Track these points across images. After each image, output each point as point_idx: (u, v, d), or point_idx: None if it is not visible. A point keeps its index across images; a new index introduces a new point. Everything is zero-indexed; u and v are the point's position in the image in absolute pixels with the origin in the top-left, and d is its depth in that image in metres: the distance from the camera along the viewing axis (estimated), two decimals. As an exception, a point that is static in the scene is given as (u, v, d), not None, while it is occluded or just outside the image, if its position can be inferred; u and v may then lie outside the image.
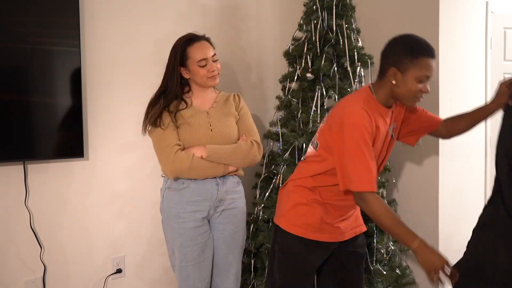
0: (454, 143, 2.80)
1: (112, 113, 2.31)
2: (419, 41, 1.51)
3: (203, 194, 1.82)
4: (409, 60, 1.46)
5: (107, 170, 2.31)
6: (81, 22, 2.16)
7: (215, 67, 1.85)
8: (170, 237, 1.86)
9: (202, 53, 1.81)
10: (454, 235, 2.84)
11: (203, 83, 1.86)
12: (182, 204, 1.81)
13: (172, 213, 1.82)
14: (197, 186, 1.81)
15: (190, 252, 1.81)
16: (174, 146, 1.76)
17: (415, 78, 1.46)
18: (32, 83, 1.97)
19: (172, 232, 1.84)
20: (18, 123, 1.94)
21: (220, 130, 1.85)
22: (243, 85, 2.96)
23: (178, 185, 1.82)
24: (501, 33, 3.31)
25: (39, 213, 2.09)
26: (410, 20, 2.64)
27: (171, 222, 1.83)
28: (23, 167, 2.03)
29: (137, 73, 2.39)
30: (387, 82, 1.53)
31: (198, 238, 1.82)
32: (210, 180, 1.83)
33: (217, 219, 1.88)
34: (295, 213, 1.65)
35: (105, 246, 2.32)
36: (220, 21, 2.80)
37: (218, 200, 1.85)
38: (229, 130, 1.88)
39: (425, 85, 1.49)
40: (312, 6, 2.37)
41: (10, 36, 1.90)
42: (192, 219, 1.81)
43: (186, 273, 1.82)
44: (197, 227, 1.82)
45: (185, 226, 1.80)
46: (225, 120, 1.88)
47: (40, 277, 2.10)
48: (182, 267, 1.82)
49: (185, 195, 1.81)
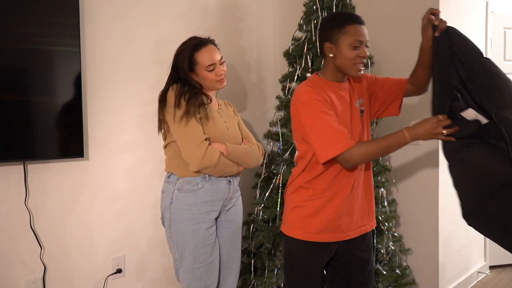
0: (454, 143, 2.80)
1: (112, 113, 2.31)
2: (343, 12, 1.62)
3: (217, 194, 1.84)
4: (337, 31, 1.55)
5: (107, 170, 2.31)
6: (81, 22, 2.16)
7: (222, 70, 1.86)
8: (180, 240, 1.81)
9: (210, 58, 1.82)
10: (454, 235, 2.84)
11: (211, 87, 1.88)
12: (197, 206, 1.79)
13: (185, 215, 1.79)
14: (211, 186, 1.82)
15: (203, 253, 1.80)
16: (206, 141, 1.76)
17: (348, 45, 1.53)
18: (32, 83, 1.97)
19: (184, 235, 1.80)
20: (18, 123, 1.94)
21: (234, 130, 1.92)
22: (243, 85, 2.96)
23: (192, 186, 1.80)
24: (501, 33, 3.32)
25: (39, 213, 2.09)
26: (410, 20, 2.64)
27: (182, 225, 1.79)
28: (23, 167, 2.03)
29: (137, 73, 2.39)
30: (327, 58, 1.61)
31: (210, 238, 1.82)
32: (223, 179, 1.86)
33: (223, 217, 1.91)
34: (293, 216, 1.66)
35: (105, 246, 2.32)
36: (220, 21, 2.80)
37: (229, 199, 1.89)
38: (239, 131, 1.96)
39: (361, 50, 1.54)
40: (312, 6, 2.37)
41: (10, 36, 1.90)
42: (206, 219, 1.81)
43: (199, 274, 1.80)
44: (209, 227, 1.83)
45: (199, 227, 1.79)
46: (233, 121, 1.95)
47: (40, 277, 2.10)
48: (195, 268, 1.80)
49: (200, 195, 1.80)
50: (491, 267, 3.36)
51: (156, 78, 2.42)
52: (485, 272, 3.26)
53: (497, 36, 3.28)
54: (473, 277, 3.12)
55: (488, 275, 3.27)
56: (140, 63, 2.41)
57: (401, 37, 2.68)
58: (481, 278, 3.20)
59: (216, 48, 1.88)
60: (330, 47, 1.58)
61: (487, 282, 3.16)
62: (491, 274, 3.29)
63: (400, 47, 2.68)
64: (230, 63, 2.83)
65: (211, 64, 1.82)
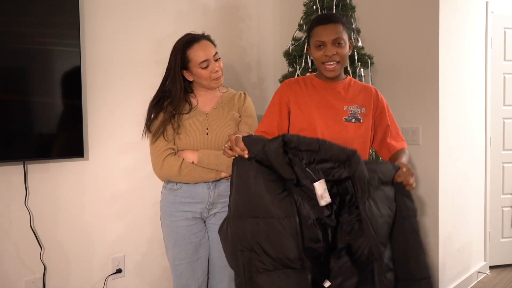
0: (454, 143, 2.80)
1: (112, 113, 2.31)
2: (317, 16, 1.72)
3: (194, 197, 1.81)
4: (308, 35, 1.68)
5: (107, 170, 2.31)
6: (81, 22, 2.16)
7: (218, 66, 1.79)
8: (165, 235, 1.87)
9: (203, 54, 1.75)
10: (454, 235, 2.84)
11: (207, 85, 1.81)
12: (175, 204, 1.82)
13: (166, 211, 1.84)
14: (188, 189, 1.80)
15: (183, 250, 1.81)
16: (165, 151, 1.75)
17: (314, 46, 1.63)
18: (32, 83, 1.97)
19: (166, 230, 1.85)
20: (18, 123, 1.93)
21: (216, 134, 1.80)
22: (243, 85, 2.96)
23: (172, 186, 1.83)
24: (501, 33, 3.31)
25: (39, 213, 2.09)
26: (410, 20, 2.64)
27: (165, 220, 1.85)
28: (23, 167, 2.03)
29: (137, 73, 2.39)
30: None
31: (192, 237, 1.82)
32: (202, 185, 1.80)
33: (211, 220, 1.87)
34: None
35: (105, 246, 2.32)
36: (220, 21, 2.80)
37: (210, 203, 1.83)
38: (226, 135, 1.80)
39: (325, 50, 1.60)
40: (312, 6, 2.38)
41: (10, 36, 1.90)
42: (183, 218, 1.81)
43: (180, 271, 1.82)
44: (189, 226, 1.82)
45: (177, 224, 1.81)
46: (223, 124, 1.82)
47: (40, 277, 2.10)
48: (176, 265, 1.83)
49: (178, 195, 1.82)
50: (491, 267, 3.36)
51: (156, 78, 2.40)
52: (485, 272, 3.26)
53: (497, 36, 3.28)
54: (473, 277, 3.12)
55: (488, 275, 3.27)
56: (140, 63, 2.40)
57: (401, 37, 2.68)
58: (481, 278, 3.20)
59: (211, 43, 1.81)
60: (309, 50, 1.71)
61: (487, 282, 3.16)
62: (491, 274, 3.29)
63: (400, 47, 2.68)
64: (230, 63, 2.83)
65: (204, 61, 1.75)
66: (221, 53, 1.87)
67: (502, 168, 3.39)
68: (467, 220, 3.04)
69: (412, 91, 2.64)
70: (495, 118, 3.30)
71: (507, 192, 3.42)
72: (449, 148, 2.70)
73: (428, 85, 2.59)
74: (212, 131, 1.80)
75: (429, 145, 2.60)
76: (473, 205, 3.12)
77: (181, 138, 1.78)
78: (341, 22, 1.61)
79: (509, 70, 3.35)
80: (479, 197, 3.21)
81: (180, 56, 1.76)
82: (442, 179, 2.61)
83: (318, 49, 1.60)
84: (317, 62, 1.63)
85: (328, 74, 1.62)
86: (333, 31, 1.58)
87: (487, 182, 3.27)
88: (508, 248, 3.45)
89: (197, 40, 1.77)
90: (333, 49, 1.58)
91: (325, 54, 1.59)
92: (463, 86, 2.89)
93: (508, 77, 3.35)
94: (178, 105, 1.78)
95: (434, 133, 2.59)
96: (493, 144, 3.32)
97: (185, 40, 1.78)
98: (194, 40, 1.77)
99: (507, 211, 3.42)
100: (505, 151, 3.38)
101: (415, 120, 2.64)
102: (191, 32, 1.83)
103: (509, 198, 3.42)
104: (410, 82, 2.65)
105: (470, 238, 3.08)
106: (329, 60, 1.59)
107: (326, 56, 1.59)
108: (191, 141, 1.78)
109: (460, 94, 2.85)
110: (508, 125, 3.35)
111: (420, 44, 2.60)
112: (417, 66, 2.62)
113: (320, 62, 1.62)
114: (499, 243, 3.42)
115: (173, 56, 1.79)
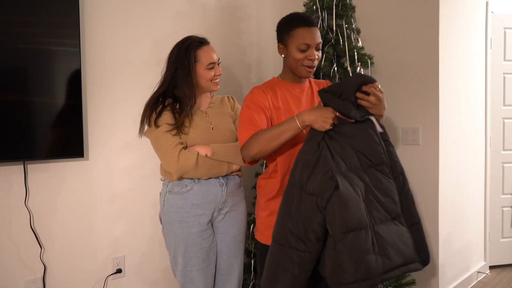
0: (454, 143, 2.80)
1: (112, 113, 2.31)
2: (296, 14, 1.66)
3: (207, 196, 1.80)
4: (286, 34, 1.62)
5: (107, 170, 2.31)
6: (81, 22, 2.16)
7: (219, 71, 1.87)
8: (172, 243, 1.82)
9: (211, 56, 1.83)
10: (454, 235, 2.84)
11: (207, 87, 1.85)
12: (186, 208, 1.78)
13: (175, 218, 1.79)
14: (201, 188, 1.80)
15: (194, 257, 1.78)
16: (178, 145, 1.74)
17: (295, 48, 1.59)
18: (32, 83, 1.97)
19: (174, 238, 1.80)
20: (18, 123, 1.93)
21: (221, 128, 1.86)
22: (243, 85, 2.96)
23: (181, 188, 1.79)
24: (501, 33, 3.32)
25: (39, 213, 2.09)
26: (410, 20, 2.64)
27: (173, 228, 1.80)
28: (23, 167, 2.03)
29: (137, 73, 2.39)
30: (283, 58, 1.68)
31: (203, 243, 1.80)
32: (214, 181, 1.82)
33: (220, 222, 1.87)
34: (258, 221, 1.73)
35: (105, 246, 2.32)
36: (220, 21, 2.80)
37: (222, 201, 1.84)
38: (229, 128, 1.89)
39: (309, 53, 1.59)
40: (312, 6, 2.38)
41: (10, 36, 1.90)
42: (196, 223, 1.79)
43: (191, 277, 1.79)
44: (201, 231, 1.80)
45: (189, 231, 1.78)
46: (224, 119, 1.90)
47: (40, 277, 2.10)
48: (187, 271, 1.79)
49: (189, 198, 1.79)
50: (491, 267, 3.36)
51: (156, 78, 2.40)
52: (485, 272, 3.26)
53: (497, 36, 3.28)
54: (473, 277, 3.12)
55: (488, 275, 3.27)
56: (140, 63, 2.41)
57: (401, 37, 2.68)
58: (481, 278, 3.20)
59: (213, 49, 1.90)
60: (282, 48, 1.66)
61: (487, 282, 3.16)
62: (491, 274, 3.29)
63: (400, 47, 2.68)
64: (230, 63, 2.83)
65: (212, 63, 1.82)
66: (221, 53, 1.90)
67: (502, 168, 3.39)
68: (467, 220, 3.04)
69: (412, 91, 2.64)
70: (495, 118, 3.30)
71: (507, 192, 3.42)
72: (449, 148, 2.70)
73: (428, 85, 2.59)
74: (216, 126, 1.86)
75: (429, 145, 2.61)
76: (473, 205, 3.12)
77: (190, 133, 1.79)
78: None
79: (509, 70, 3.36)
80: (479, 197, 3.21)
81: (192, 55, 1.80)
82: (442, 179, 2.61)
83: (300, 51, 1.59)
84: (297, 63, 1.61)
85: (307, 75, 1.65)
86: (316, 34, 1.60)
87: (487, 182, 3.27)
88: (508, 248, 3.45)
89: (206, 43, 1.86)
90: (316, 53, 1.61)
91: (310, 58, 1.59)
92: (463, 86, 2.89)
93: (508, 77, 3.35)
94: (189, 101, 1.80)
95: (434, 133, 2.59)
96: (493, 144, 3.32)
97: (196, 40, 1.83)
98: (204, 42, 1.85)
99: (507, 211, 3.42)
100: (505, 151, 3.39)
101: (415, 120, 2.65)
102: (193, 36, 1.86)
103: (509, 198, 3.43)
104: (410, 82, 2.65)
105: (470, 238, 3.08)
106: (312, 64, 1.61)
107: (310, 60, 1.60)
108: (199, 136, 1.80)
109: (460, 94, 2.85)
110: (508, 125, 3.35)
111: (420, 44, 2.60)
112: (417, 66, 2.62)
113: (300, 63, 1.61)
114: (499, 243, 3.42)
115: (183, 54, 1.80)
